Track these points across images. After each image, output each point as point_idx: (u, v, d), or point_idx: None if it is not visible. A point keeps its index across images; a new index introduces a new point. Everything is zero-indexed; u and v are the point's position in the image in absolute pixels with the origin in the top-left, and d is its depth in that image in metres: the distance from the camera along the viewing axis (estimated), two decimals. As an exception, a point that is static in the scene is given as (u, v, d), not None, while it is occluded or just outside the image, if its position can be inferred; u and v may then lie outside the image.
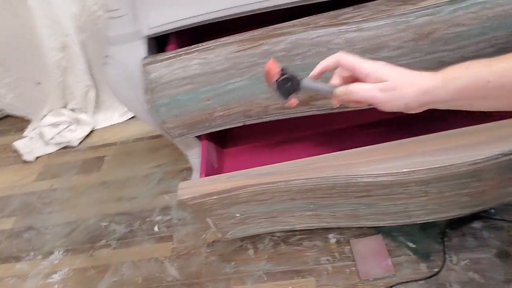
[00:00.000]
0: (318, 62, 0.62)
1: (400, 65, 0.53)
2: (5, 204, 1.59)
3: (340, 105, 0.55)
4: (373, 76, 0.50)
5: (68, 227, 1.42)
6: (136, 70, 0.92)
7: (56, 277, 1.26)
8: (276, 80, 0.60)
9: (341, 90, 0.51)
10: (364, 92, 0.50)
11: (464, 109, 0.51)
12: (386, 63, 0.50)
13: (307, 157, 0.86)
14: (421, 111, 0.52)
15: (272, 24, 0.83)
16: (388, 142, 0.83)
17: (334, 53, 0.56)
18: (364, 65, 0.50)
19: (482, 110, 0.50)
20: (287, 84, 0.60)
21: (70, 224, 1.42)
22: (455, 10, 0.73)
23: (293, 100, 0.60)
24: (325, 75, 0.58)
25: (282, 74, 0.59)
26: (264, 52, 0.80)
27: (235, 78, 0.83)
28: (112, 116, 1.88)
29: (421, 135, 0.82)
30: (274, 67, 0.60)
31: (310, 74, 0.56)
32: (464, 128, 0.81)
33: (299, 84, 0.60)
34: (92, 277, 1.23)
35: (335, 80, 0.55)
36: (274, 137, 1.16)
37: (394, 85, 0.49)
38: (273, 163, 0.87)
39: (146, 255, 1.25)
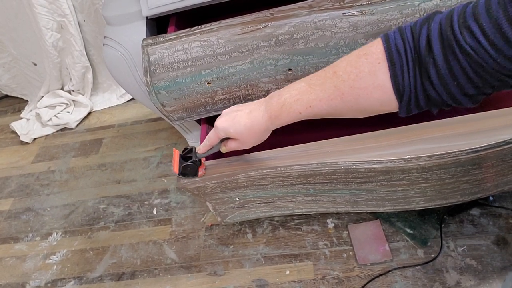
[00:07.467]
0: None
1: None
2: (3, 185, 1.59)
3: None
4: (231, 137, 0.72)
5: (66, 209, 1.42)
6: (135, 52, 0.91)
7: (54, 258, 1.27)
8: (179, 174, 0.81)
9: (224, 149, 0.76)
10: (231, 145, 0.73)
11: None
12: (235, 121, 0.69)
13: (307, 142, 0.86)
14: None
15: (277, 6, 0.82)
16: (390, 129, 0.83)
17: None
18: (227, 132, 0.71)
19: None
20: (188, 169, 0.81)
21: (68, 206, 1.42)
22: (462, -5, 0.71)
23: (201, 172, 0.85)
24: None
25: (181, 163, 0.80)
26: (267, 35, 0.79)
27: (237, 61, 0.82)
28: (110, 98, 1.86)
29: (422, 122, 0.82)
30: (175, 160, 0.80)
31: (202, 150, 0.78)
32: (467, 115, 0.80)
33: (198, 161, 0.81)
34: (91, 258, 1.24)
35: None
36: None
37: (238, 139, 0.71)
38: (274, 148, 0.87)
39: (145, 237, 1.25)
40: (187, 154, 0.81)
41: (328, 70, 0.58)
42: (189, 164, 0.80)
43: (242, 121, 0.68)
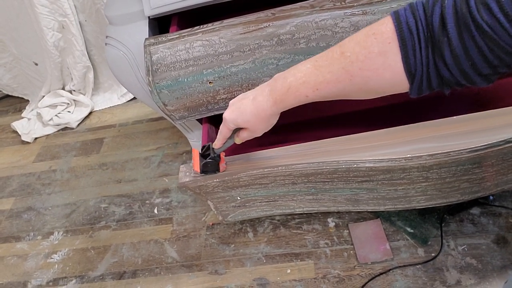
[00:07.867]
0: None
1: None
2: (4, 185, 1.59)
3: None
4: (240, 126, 0.71)
5: (67, 208, 1.42)
6: (137, 52, 0.91)
7: (56, 257, 1.27)
8: (200, 172, 0.82)
9: (237, 140, 0.74)
10: (243, 135, 0.72)
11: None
12: (241, 111, 0.68)
13: (309, 141, 0.86)
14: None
15: (278, 5, 0.82)
16: (390, 128, 0.83)
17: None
18: (236, 123, 0.70)
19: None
20: (209, 166, 0.81)
21: (69, 205, 1.43)
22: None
23: (222, 167, 0.84)
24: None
25: (201, 162, 0.80)
26: (269, 34, 0.79)
27: (238, 61, 0.82)
28: (111, 97, 1.87)
29: (423, 121, 0.82)
30: (194, 159, 0.81)
31: (218, 144, 0.77)
32: (467, 115, 0.81)
33: (217, 157, 0.80)
34: (92, 257, 1.24)
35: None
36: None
37: (248, 128, 0.70)
38: (276, 147, 0.87)
39: (146, 237, 1.26)
40: (206, 152, 0.81)
41: (335, 51, 0.55)
42: (209, 161, 0.80)
43: (247, 110, 0.67)
